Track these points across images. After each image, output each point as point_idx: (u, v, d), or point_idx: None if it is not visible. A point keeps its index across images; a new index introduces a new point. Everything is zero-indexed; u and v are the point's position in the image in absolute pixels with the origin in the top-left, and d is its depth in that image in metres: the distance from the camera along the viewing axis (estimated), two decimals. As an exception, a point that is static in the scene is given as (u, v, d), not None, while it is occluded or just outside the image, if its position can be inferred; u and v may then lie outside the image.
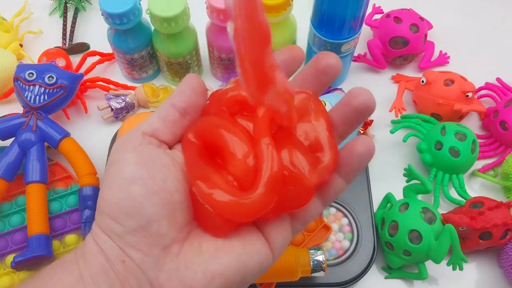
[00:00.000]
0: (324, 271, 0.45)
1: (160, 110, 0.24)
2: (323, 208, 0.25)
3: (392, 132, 0.56)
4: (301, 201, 0.22)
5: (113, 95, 0.60)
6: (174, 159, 0.23)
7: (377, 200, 0.54)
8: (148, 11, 0.53)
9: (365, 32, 0.66)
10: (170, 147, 0.24)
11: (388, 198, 0.53)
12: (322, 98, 0.48)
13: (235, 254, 0.22)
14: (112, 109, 0.60)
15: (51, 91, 0.54)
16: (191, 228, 0.23)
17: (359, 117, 0.23)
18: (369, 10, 0.66)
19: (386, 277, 0.50)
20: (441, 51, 0.66)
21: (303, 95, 0.23)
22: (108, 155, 0.54)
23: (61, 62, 0.61)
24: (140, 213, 0.21)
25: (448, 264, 0.46)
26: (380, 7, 0.68)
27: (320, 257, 0.45)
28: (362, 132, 0.59)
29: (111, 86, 0.62)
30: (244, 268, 0.22)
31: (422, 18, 0.62)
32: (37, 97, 0.54)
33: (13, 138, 0.53)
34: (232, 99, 0.24)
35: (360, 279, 0.49)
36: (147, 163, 0.22)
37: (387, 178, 0.56)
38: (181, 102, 0.24)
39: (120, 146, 0.23)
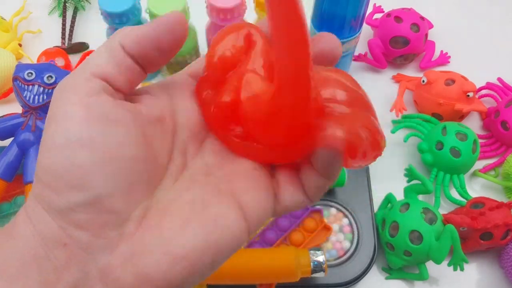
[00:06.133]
0: (324, 271, 0.45)
1: (110, 50, 0.19)
2: (303, 197, 0.21)
3: (392, 132, 0.56)
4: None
5: (112, 95, 0.60)
6: (136, 114, 0.19)
7: (377, 200, 0.54)
8: (148, 10, 0.53)
9: (366, 31, 0.66)
10: (127, 99, 0.19)
11: (388, 199, 0.53)
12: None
13: (203, 232, 0.18)
14: (111, 109, 0.59)
15: (50, 90, 0.54)
16: (151, 203, 0.19)
17: (323, 60, 0.21)
18: (370, 9, 0.66)
19: (386, 278, 0.50)
20: (441, 51, 0.65)
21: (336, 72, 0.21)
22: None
23: (60, 62, 0.61)
24: (88, 185, 0.17)
25: (449, 265, 0.46)
26: (380, 6, 0.68)
27: (321, 258, 0.45)
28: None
29: (110, 85, 0.61)
30: (215, 248, 0.18)
31: (422, 18, 0.62)
32: (36, 97, 0.54)
33: (12, 138, 0.53)
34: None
35: (360, 279, 0.48)
36: (99, 121, 0.17)
37: (387, 178, 0.56)
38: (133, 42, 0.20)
39: (62, 94, 0.18)
